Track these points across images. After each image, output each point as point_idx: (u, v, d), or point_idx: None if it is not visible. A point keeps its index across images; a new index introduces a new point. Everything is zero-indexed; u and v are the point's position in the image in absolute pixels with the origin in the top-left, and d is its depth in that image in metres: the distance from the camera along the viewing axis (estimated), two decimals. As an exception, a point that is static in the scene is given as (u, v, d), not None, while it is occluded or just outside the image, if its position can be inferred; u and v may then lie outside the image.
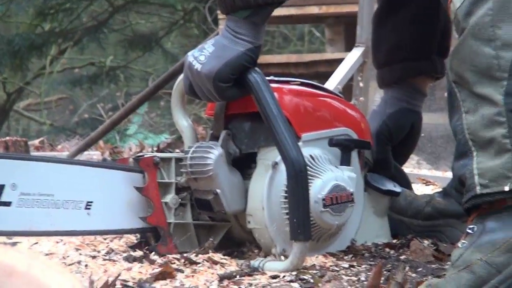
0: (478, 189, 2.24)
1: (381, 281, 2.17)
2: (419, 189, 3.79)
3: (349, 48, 6.13)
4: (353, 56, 5.12)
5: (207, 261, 2.64)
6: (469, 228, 2.30)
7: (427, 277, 2.33)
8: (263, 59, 6.62)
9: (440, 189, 3.06)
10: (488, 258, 2.21)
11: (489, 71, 2.33)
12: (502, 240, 2.25)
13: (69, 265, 2.71)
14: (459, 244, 2.35)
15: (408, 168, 3.98)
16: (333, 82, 5.00)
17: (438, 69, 3.13)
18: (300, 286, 2.43)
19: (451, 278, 2.26)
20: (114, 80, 14.79)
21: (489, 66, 2.32)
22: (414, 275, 2.52)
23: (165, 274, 2.50)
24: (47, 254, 2.78)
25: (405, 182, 3.06)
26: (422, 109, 3.18)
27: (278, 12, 5.81)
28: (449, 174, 3.02)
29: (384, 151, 3.05)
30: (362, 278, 2.27)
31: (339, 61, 5.54)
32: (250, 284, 2.42)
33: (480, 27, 2.34)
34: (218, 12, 5.77)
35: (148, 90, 7.36)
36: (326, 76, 5.34)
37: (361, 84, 5.40)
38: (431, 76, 3.19)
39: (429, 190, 4.25)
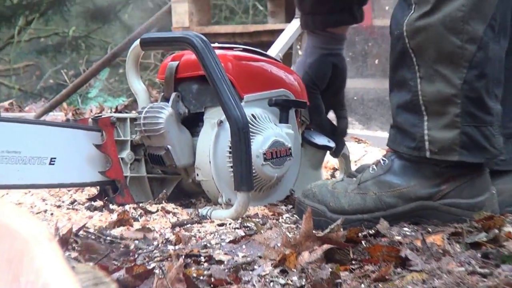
0: (428, 154, 2.42)
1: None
2: (352, 146, 3.87)
3: (289, 19, 6.24)
4: (292, 27, 5.22)
5: (161, 211, 2.74)
6: (382, 159, 2.59)
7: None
8: (212, 29, 6.79)
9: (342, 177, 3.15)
10: (380, 195, 2.49)
11: (452, 56, 2.46)
12: (397, 186, 2.50)
13: (37, 213, 2.79)
14: (370, 169, 2.63)
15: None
16: (275, 50, 5.10)
17: (357, 18, 3.19)
18: (244, 232, 2.48)
19: (348, 194, 2.54)
20: (76, 49, 15.13)
21: (453, 52, 2.44)
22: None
23: (123, 221, 2.59)
24: (16, 204, 2.84)
25: (339, 138, 3.15)
26: (343, 51, 3.27)
27: None
28: (378, 134, 3.05)
29: (311, 98, 3.08)
30: (300, 226, 2.36)
31: (280, 31, 5.65)
32: (199, 231, 2.50)
33: (451, 19, 2.43)
34: None
35: (106, 57, 7.48)
36: (268, 45, 5.45)
37: (299, 52, 5.50)
38: (350, 24, 3.22)
39: (361, 147, 4.34)
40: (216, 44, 2.80)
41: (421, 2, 2.51)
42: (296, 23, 5.14)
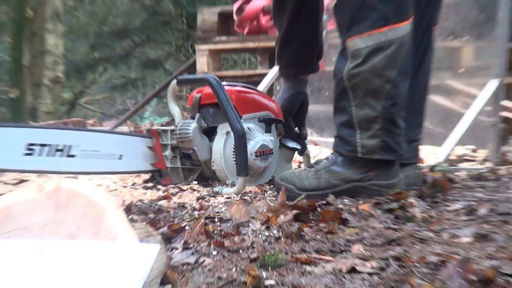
0: (359, 154, 2.46)
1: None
2: (311, 148, 3.90)
3: (271, 67, 6.28)
4: (273, 72, 5.21)
5: (189, 189, 2.77)
6: (330, 156, 2.60)
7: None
8: (222, 73, 7.01)
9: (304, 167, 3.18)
10: (329, 178, 2.52)
11: (376, 92, 2.45)
12: (340, 173, 2.54)
13: (110, 191, 2.85)
14: (323, 162, 2.63)
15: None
16: (262, 86, 5.09)
17: (316, 69, 3.11)
18: (243, 202, 2.47)
19: (309, 178, 2.56)
20: (136, 86, 16.15)
21: (376, 89, 2.44)
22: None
23: (166, 196, 2.62)
24: (96, 185, 2.88)
25: (303, 143, 3.20)
26: (307, 90, 3.26)
27: (229, 46, 5.95)
28: (328, 140, 3.09)
29: (286, 119, 3.10)
30: (278, 198, 2.37)
31: (265, 74, 5.64)
32: (214, 202, 2.51)
33: (375, 68, 2.42)
34: (196, 45, 5.90)
35: (155, 91, 7.55)
36: (258, 83, 5.45)
37: (278, 88, 5.57)
38: (311, 73, 3.18)
39: (317, 148, 4.37)
40: (225, 83, 2.80)
41: (355, 56, 2.50)
42: (275, 69, 5.15)
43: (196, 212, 2.23)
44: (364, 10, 2.36)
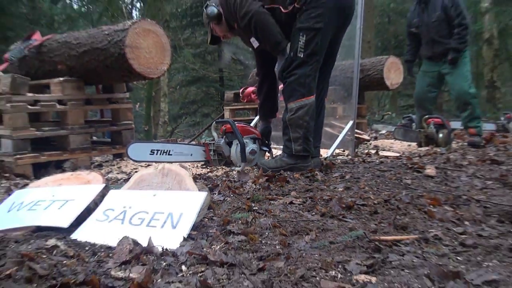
0: (294, 152, 2.19)
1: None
2: (274, 151, 3.81)
3: (257, 116, 5.86)
4: (256, 118, 4.94)
5: (221, 169, 2.54)
6: (282, 154, 2.30)
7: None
8: (235, 118, 6.32)
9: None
10: (281, 163, 2.24)
11: (300, 126, 2.16)
12: (286, 161, 2.23)
13: (186, 169, 2.72)
14: (279, 156, 2.34)
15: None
16: (252, 123, 4.92)
17: (274, 116, 2.60)
18: (244, 173, 2.39)
19: (272, 162, 2.27)
20: (199, 124, 11.59)
21: (301, 125, 2.14)
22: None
23: (210, 171, 2.45)
24: (181, 166, 2.81)
25: (270, 148, 3.06)
26: (270, 125, 2.67)
27: (238, 107, 4.75)
28: (280, 147, 2.99)
29: (262, 138, 2.83)
30: (258, 172, 2.31)
31: (253, 119, 5.38)
32: (231, 173, 2.27)
33: (300, 116, 2.14)
34: (224, 106, 5.31)
35: (206, 126, 7.09)
36: (251, 121, 5.20)
37: (258, 122, 5.27)
38: (272, 118, 2.64)
39: (275, 151, 4.31)
40: (236, 123, 2.70)
41: (290, 110, 2.22)
42: (257, 117, 4.95)
43: (224, 178, 2.16)
44: (294, 91, 2.19)
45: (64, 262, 0.87)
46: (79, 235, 1.10)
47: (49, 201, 1.22)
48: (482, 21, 7.15)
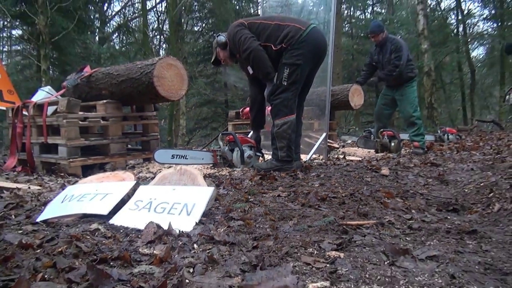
0: (280, 157, 2.14)
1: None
2: (266, 156, 3.69)
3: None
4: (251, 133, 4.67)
5: (225, 169, 2.44)
6: (271, 158, 2.22)
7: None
8: (236, 131, 5.91)
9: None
10: (271, 165, 2.18)
11: (284, 137, 2.11)
12: (274, 163, 2.18)
13: (199, 169, 2.55)
14: (269, 160, 2.26)
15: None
16: (249, 134, 4.77)
17: (263, 128, 2.46)
18: (243, 172, 2.24)
19: (263, 164, 2.22)
20: (209, 135, 9.95)
21: (285, 137, 2.10)
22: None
23: (217, 171, 2.38)
24: (194, 167, 2.73)
25: (262, 153, 2.89)
26: (261, 135, 2.52)
27: (238, 122, 4.14)
28: (269, 152, 2.87)
29: (257, 146, 2.70)
30: (254, 171, 2.25)
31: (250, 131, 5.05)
32: (233, 173, 2.22)
33: (284, 130, 2.10)
34: (228, 122, 4.41)
35: (214, 137, 6.80)
36: (249, 133, 5.03)
37: (251, 132, 5.04)
38: (261, 129, 2.51)
39: (266, 156, 4.18)
40: (237, 134, 2.62)
41: (277, 126, 2.15)
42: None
43: (227, 176, 2.14)
44: (279, 111, 2.14)
45: (103, 241, 0.88)
46: (115, 220, 1.09)
47: (93, 194, 1.21)
48: (422, 58, 7.62)
